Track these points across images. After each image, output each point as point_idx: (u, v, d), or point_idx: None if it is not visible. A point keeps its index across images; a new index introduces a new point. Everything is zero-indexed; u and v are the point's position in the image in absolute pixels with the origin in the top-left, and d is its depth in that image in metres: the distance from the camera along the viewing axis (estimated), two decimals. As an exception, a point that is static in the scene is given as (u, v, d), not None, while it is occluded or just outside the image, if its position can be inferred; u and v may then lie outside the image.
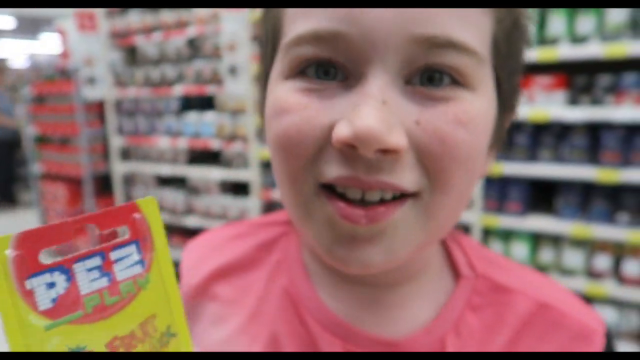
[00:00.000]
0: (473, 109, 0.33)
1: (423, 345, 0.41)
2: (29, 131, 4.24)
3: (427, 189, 0.34)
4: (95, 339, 0.24)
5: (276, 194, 2.86)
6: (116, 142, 3.65)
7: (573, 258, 2.07)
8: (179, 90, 3.15)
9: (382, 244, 0.34)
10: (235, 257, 0.50)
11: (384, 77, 0.32)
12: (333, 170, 0.34)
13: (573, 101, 2.02)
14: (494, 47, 0.36)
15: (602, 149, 1.95)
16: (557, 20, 1.97)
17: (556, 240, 2.15)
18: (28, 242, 0.22)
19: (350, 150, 0.32)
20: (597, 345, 0.41)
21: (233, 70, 2.82)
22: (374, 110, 0.31)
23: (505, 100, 0.39)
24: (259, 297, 0.46)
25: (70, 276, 0.23)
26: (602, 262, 2.02)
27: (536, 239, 2.17)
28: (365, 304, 0.43)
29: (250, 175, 2.96)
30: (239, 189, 3.26)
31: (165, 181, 3.69)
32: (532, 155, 2.09)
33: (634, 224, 1.93)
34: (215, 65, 2.97)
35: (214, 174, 3.15)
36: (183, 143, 3.22)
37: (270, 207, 3.06)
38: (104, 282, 0.24)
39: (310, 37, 0.33)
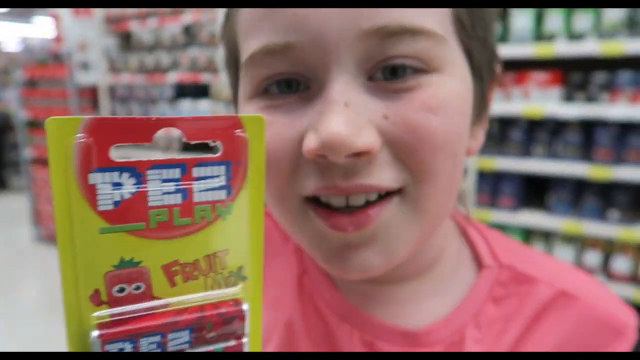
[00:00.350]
0: (441, 92, 0.32)
1: (441, 336, 0.40)
2: (21, 115, 4.20)
3: (411, 183, 0.33)
4: (152, 258, 0.21)
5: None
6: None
7: (563, 254, 2.09)
8: (173, 77, 3.13)
9: (376, 247, 0.34)
10: None
11: (342, 78, 0.31)
12: (312, 183, 0.33)
13: (568, 98, 2.03)
14: (456, 21, 0.34)
15: (595, 146, 1.96)
16: (554, 17, 1.97)
17: (547, 236, 2.16)
18: (101, 131, 0.19)
19: (323, 160, 0.32)
20: (629, 339, 0.39)
21: (229, 59, 2.80)
22: (337, 116, 0.30)
23: (481, 69, 0.37)
24: (277, 284, 0.46)
25: (141, 182, 0.20)
26: (592, 258, 2.04)
27: (528, 234, 2.19)
28: (379, 300, 0.42)
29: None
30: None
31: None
32: (525, 151, 2.10)
33: (625, 221, 1.95)
34: (210, 53, 2.95)
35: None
36: (177, 131, 3.19)
37: (263, 197, 3.05)
38: (177, 198, 0.21)
39: (263, 53, 0.33)
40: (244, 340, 0.23)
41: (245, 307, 0.23)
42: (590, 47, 1.87)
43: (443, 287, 0.43)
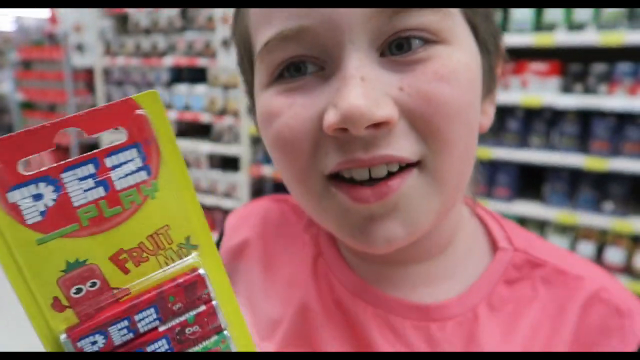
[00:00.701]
0: (451, 62, 0.33)
1: (454, 312, 0.41)
2: (15, 97, 4.16)
3: (429, 154, 0.34)
4: (96, 253, 0.22)
5: (266, 170, 2.86)
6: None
7: (558, 244, 2.10)
8: (169, 61, 3.10)
9: (399, 218, 0.35)
10: (272, 225, 0.51)
11: (357, 55, 0.33)
12: (333, 159, 0.34)
13: (567, 88, 2.03)
14: None
15: (592, 137, 1.96)
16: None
17: (542, 226, 2.17)
18: (3, 151, 0.20)
19: (343, 135, 0.33)
20: (637, 324, 0.39)
21: (226, 43, 2.77)
22: (355, 89, 0.31)
23: (487, 43, 0.38)
24: (292, 266, 0.48)
25: (59, 186, 0.21)
26: (586, 249, 2.05)
27: (522, 224, 2.20)
28: (391, 281, 0.43)
29: (240, 150, 2.94)
30: (228, 164, 3.24)
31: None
32: (522, 141, 2.10)
33: (619, 213, 1.96)
34: (208, 37, 2.92)
35: (204, 147, 3.13)
36: (172, 115, 3.18)
37: (259, 183, 3.04)
38: (100, 191, 0.21)
39: (277, 40, 0.34)
40: (214, 302, 0.24)
41: (201, 271, 0.24)
42: (590, 37, 1.86)
43: (456, 270, 0.43)
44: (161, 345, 0.23)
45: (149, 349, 0.23)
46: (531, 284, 0.42)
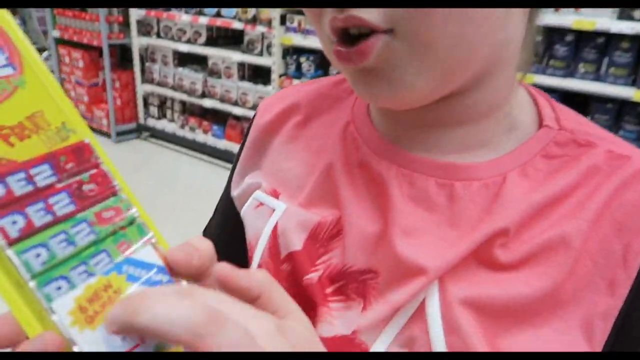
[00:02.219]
0: None
1: (481, 174, 0.40)
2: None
3: (407, 19, 0.34)
4: None
5: (296, 84, 2.80)
6: (135, 14, 3.52)
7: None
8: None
9: (384, 78, 0.37)
10: (310, 98, 0.53)
11: None
12: (327, 15, 0.37)
13: (624, 13, 1.89)
14: None
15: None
16: None
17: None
18: None
19: None
20: None
21: (262, -55, 2.62)
22: None
23: None
24: (322, 137, 0.49)
25: None
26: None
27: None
28: (422, 145, 0.43)
29: (271, 61, 2.88)
30: (258, 76, 3.19)
31: (185, 60, 3.61)
32: (569, 69, 2.00)
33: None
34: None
35: (234, 56, 3.07)
36: (203, 21, 3.10)
37: (289, 96, 3.00)
38: None
39: None
40: (103, 167, 0.29)
41: (86, 140, 0.29)
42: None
43: (494, 141, 0.42)
44: (62, 199, 0.27)
45: (51, 201, 0.27)
46: (572, 160, 0.40)
